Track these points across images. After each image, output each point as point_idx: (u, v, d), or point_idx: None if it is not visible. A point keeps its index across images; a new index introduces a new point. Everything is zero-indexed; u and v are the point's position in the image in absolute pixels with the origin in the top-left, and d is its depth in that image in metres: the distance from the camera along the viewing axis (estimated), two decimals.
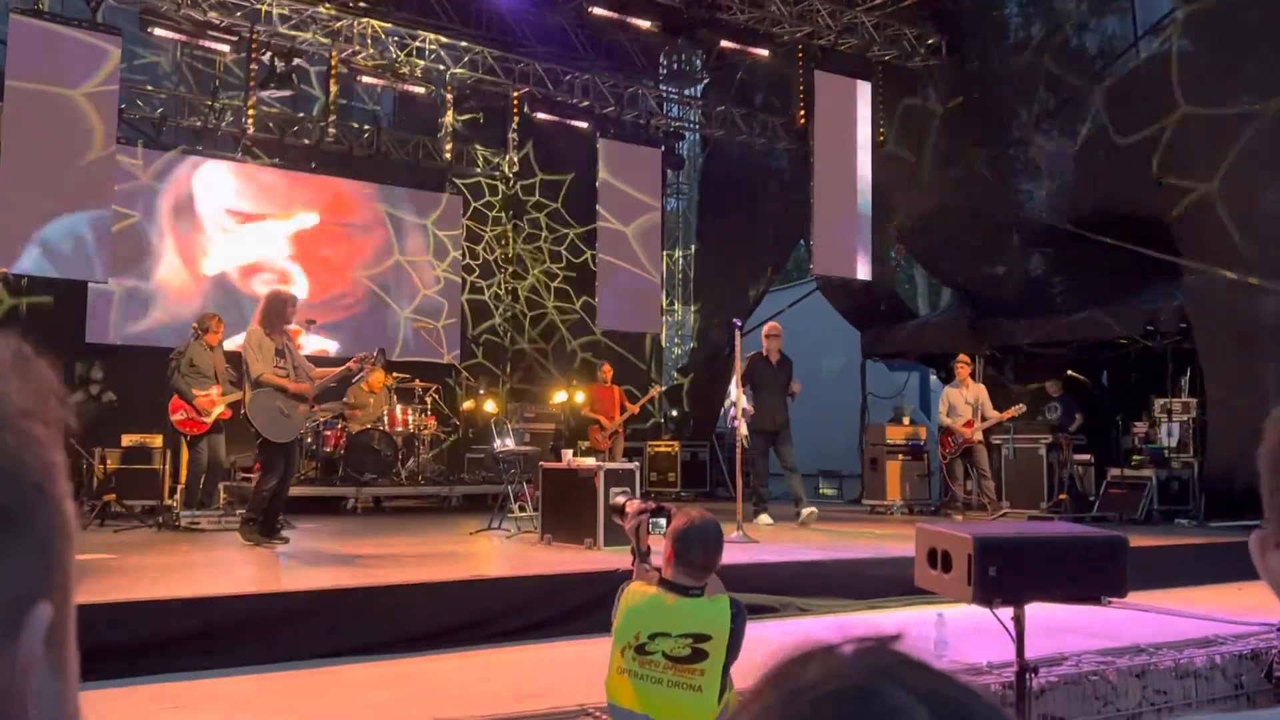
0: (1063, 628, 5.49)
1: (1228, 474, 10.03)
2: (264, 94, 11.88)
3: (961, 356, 11.32)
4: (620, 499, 3.56)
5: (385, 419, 11.35)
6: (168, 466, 10.02)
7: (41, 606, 0.51)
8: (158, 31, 10.70)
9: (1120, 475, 11.04)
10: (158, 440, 10.02)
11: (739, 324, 8.48)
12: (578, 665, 4.81)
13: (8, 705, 0.49)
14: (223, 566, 6.96)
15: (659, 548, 3.27)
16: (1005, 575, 3.48)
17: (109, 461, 9.82)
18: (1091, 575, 3.68)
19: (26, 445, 0.50)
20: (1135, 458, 11.37)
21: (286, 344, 7.52)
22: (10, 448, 0.49)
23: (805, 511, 9.62)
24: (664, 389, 15.65)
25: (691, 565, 3.06)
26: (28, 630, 0.50)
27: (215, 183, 12.93)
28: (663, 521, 3.37)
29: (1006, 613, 3.66)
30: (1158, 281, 11.35)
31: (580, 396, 12.38)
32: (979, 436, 10.84)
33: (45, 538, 0.51)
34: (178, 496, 9.12)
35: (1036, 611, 3.88)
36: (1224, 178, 10.27)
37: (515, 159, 14.19)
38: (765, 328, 10.31)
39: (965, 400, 10.97)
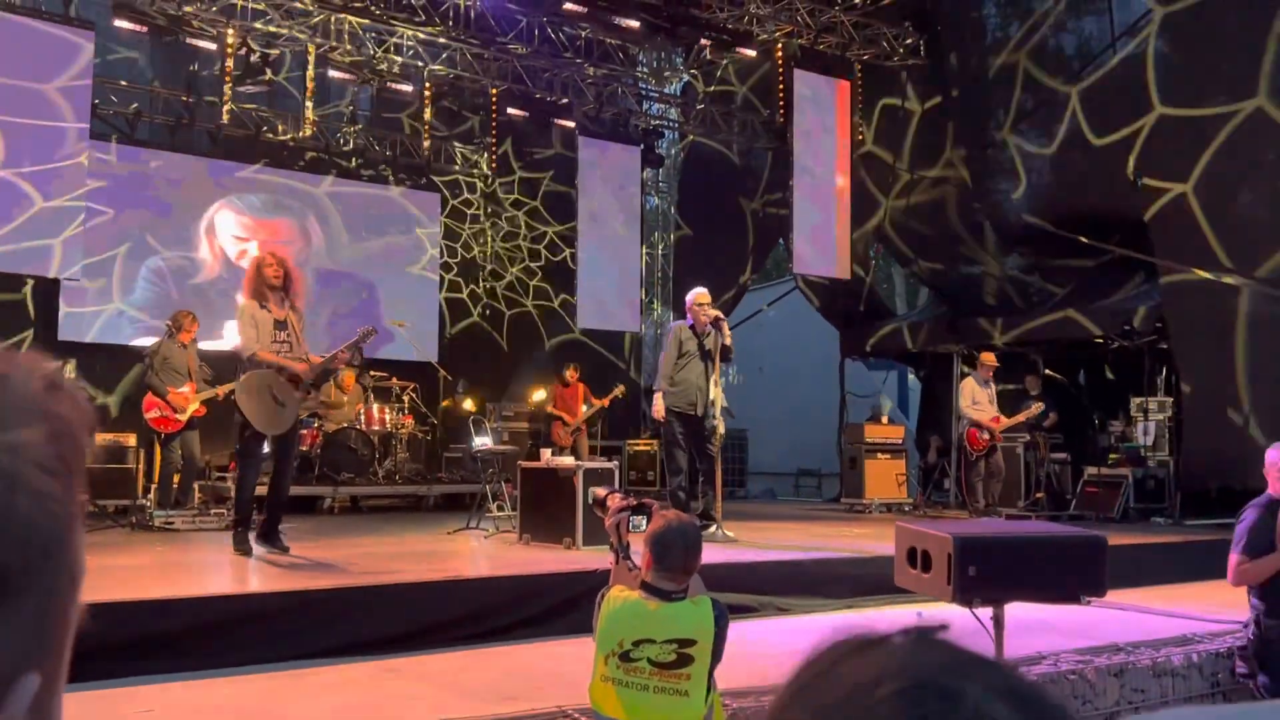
0: (1041, 626, 5.50)
1: (1203, 473, 10.11)
2: (240, 90, 11.76)
3: (988, 353, 10.93)
4: (602, 491, 3.54)
5: (362, 418, 11.28)
6: (141, 466, 9.91)
7: (29, 678, 0.48)
8: (132, 26, 10.59)
9: (1097, 474, 11.11)
10: (131, 439, 9.92)
11: (722, 317, 8.39)
12: (556, 666, 4.78)
13: None
14: (197, 567, 6.89)
15: (639, 546, 3.24)
16: (985, 575, 3.48)
17: None
18: (1071, 575, 3.68)
19: (40, 504, 0.46)
20: (1112, 456, 11.45)
21: (289, 315, 6.51)
22: (21, 511, 0.46)
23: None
24: (644, 386, 15.61)
25: (672, 569, 3.03)
26: (11, 702, 0.47)
27: (189, 179, 12.80)
28: (643, 521, 3.34)
29: (986, 612, 3.65)
30: (1134, 281, 11.42)
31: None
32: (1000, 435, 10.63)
33: (44, 603, 0.48)
34: (151, 496, 9.02)
35: (1015, 610, 3.88)
36: (1199, 178, 10.35)
37: (494, 156, 14.12)
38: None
39: (989, 397, 10.63)
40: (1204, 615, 6.01)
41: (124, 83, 12.34)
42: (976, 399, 10.55)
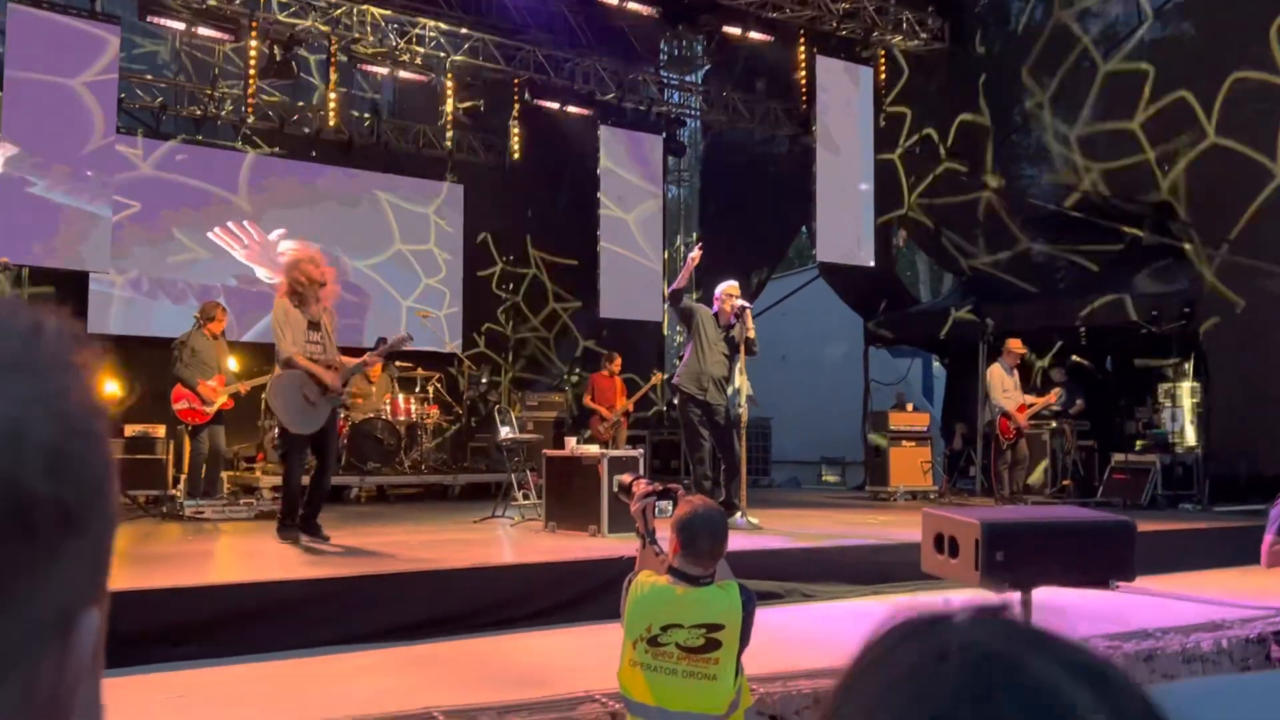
0: (1069, 612, 5.47)
1: (1232, 459, 10.01)
2: (264, 83, 11.83)
3: (1015, 340, 10.88)
4: (627, 478, 3.55)
5: (388, 408, 11.34)
6: (171, 456, 10.00)
7: (92, 614, 0.49)
8: (157, 20, 10.66)
9: (1124, 460, 11.03)
10: (161, 430, 10.01)
11: (749, 305, 8.37)
12: (583, 652, 4.81)
13: (55, 717, 0.48)
14: (225, 556, 6.96)
15: (665, 532, 3.25)
16: (1013, 560, 3.47)
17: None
18: (1099, 559, 3.66)
19: (90, 446, 0.48)
20: (1139, 443, 11.36)
21: (322, 316, 6.62)
22: (76, 452, 0.47)
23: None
24: (666, 376, 15.62)
25: (698, 554, 3.04)
26: (79, 638, 0.48)
27: (215, 172, 12.88)
28: (668, 505, 3.35)
29: (1014, 597, 3.64)
30: (1161, 266, 11.32)
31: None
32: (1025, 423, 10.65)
33: (97, 542, 0.50)
34: (181, 486, 9.11)
35: (1043, 596, 3.87)
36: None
37: (516, 146, 14.12)
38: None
39: (1014, 384, 10.59)
40: (1234, 601, 5.97)
41: (149, 77, 12.43)
42: (1006, 386, 10.50)
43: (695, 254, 8.53)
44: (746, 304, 8.28)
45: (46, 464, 0.45)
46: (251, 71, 11.30)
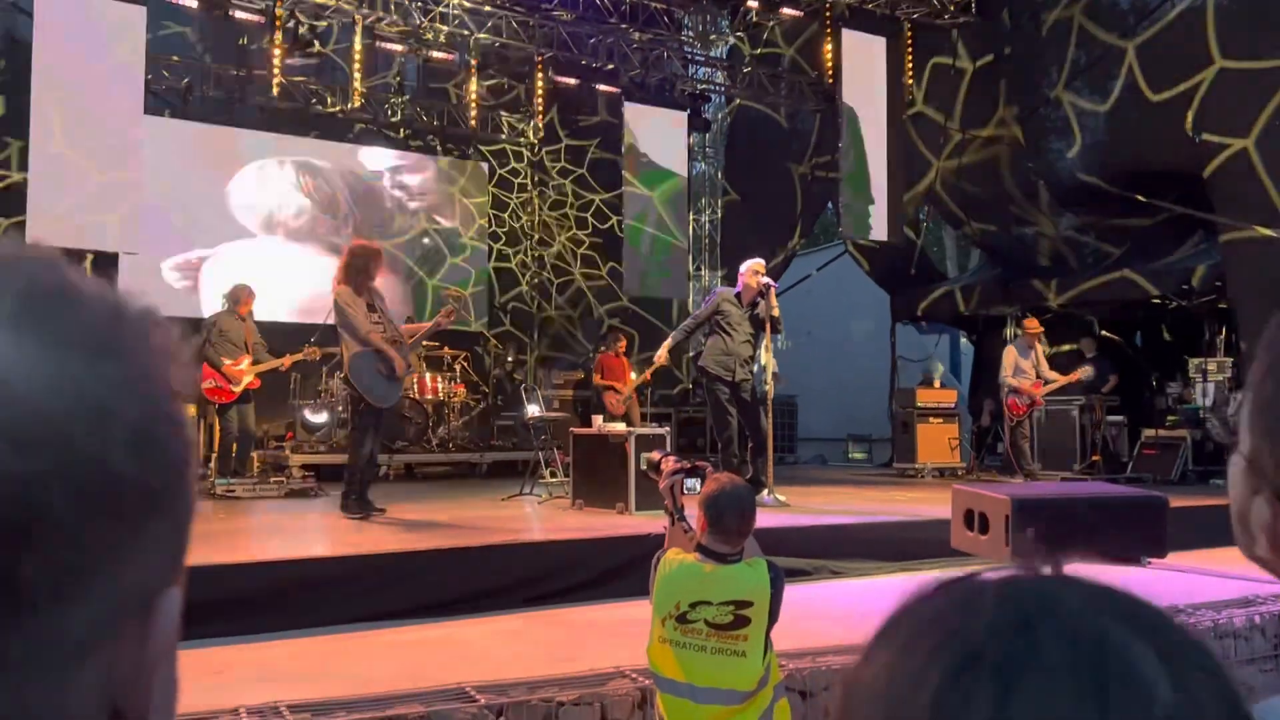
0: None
1: None
2: (289, 63, 11.84)
3: (1031, 319, 10.94)
4: (656, 455, 3.55)
5: (415, 387, 11.40)
6: (202, 436, 10.10)
7: (171, 594, 0.50)
8: (182, 1, 10.69)
9: (1154, 436, 10.95)
10: (191, 410, 10.08)
11: (773, 284, 8.34)
12: (613, 628, 4.84)
13: (133, 697, 0.48)
14: (256, 533, 7.03)
15: (693, 509, 3.26)
16: (1044, 536, 3.46)
17: None
18: (1131, 535, 3.65)
19: (171, 428, 0.49)
20: (1170, 418, 11.27)
21: (375, 298, 7.02)
22: (161, 435, 0.48)
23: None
24: (692, 354, 15.59)
25: (726, 532, 3.05)
26: (159, 618, 0.49)
27: (241, 153, 12.94)
28: (696, 483, 3.36)
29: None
30: (1192, 240, 11.19)
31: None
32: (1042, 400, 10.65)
33: (179, 523, 0.50)
34: (212, 465, 9.21)
35: (1074, 572, 3.85)
36: (1261, 133, 10.08)
37: (540, 125, 14.10)
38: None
39: (1031, 363, 10.65)
40: (1267, 577, 5.92)
41: (175, 58, 12.47)
42: (1020, 366, 10.57)
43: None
44: (772, 282, 8.25)
45: (132, 445, 0.46)
46: (276, 52, 11.31)
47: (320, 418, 11.10)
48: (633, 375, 12.29)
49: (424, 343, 11.72)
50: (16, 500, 0.43)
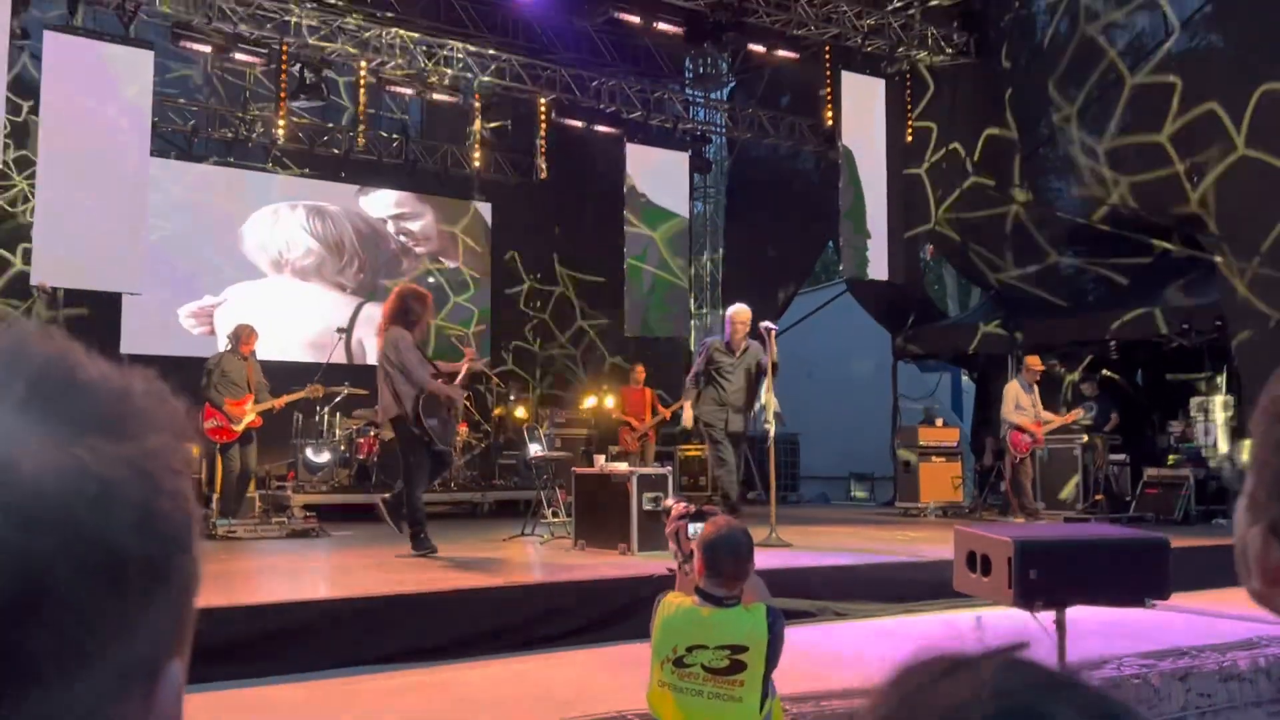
0: (1104, 630, 5.43)
1: None
2: (294, 105, 11.97)
3: (1033, 357, 10.99)
4: (668, 502, 3.56)
5: None
6: (204, 475, 10.09)
7: (175, 665, 0.52)
8: (189, 45, 10.82)
9: (1157, 475, 10.92)
10: (194, 450, 10.10)
11: (773, 327, 8.36)
12: (614, 671, 4.81)
13: None
14: (257, 575, 7.00)
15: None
16: (1046, 578, 3.45)
17: None
18: (1134, 577, 3.63)
19: (175, 503, 0.51)
20: (1172, 457, 11.24)
21: (420, 342, 7.21)
22: (163, 509, 0.50)
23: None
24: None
25: (722, 575, 3.05)
26: (163, 689, 0.51)
27: (247, 193, 13.04)
28: (699, 527, 3.36)
29: (1048, 616, 3.62)
30: (1192, 278, 11.22)
31: (610, 401, 12.36)
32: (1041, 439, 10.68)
33: (180, 595, 0.52)
34: (214, 505, 9.19)
35: (1077, 614, 3.84)
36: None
37: (543, 165, 14.20)
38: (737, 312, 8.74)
39: (1032, 401, 10.64)
40: (1271, 619, 5.88)
41: (181, 100, 12.60)
42: (1020, 404, 10.59)
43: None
44: (773, 326, 8.28)
45: (135, 524, 0.48)
46: (282, 95, 11.43)
47: (322, 457, 11.09)
48: (651, 414, 12.25)
49: None
50: (23, 578, 0.44)
